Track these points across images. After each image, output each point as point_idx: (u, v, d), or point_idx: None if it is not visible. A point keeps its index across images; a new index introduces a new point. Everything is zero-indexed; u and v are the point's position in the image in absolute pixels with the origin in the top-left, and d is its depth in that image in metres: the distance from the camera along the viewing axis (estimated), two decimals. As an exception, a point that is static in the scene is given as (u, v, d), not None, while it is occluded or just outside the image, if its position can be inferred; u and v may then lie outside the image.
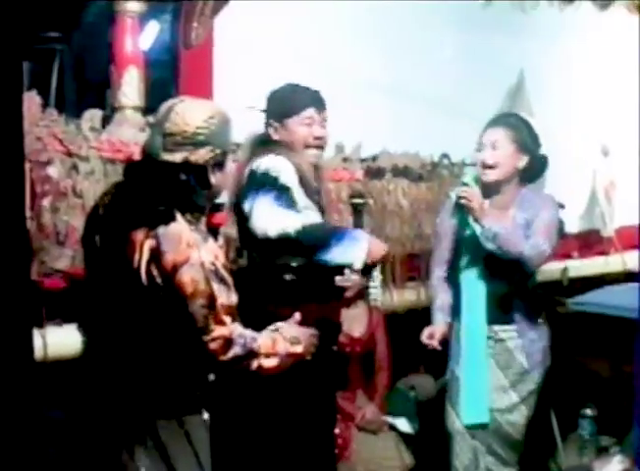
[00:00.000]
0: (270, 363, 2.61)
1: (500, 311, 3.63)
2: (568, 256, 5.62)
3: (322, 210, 3.28)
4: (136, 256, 2.45)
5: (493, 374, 3.63)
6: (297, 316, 2.78)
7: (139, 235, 2.46)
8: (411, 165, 4.97)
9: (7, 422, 1.94)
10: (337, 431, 3.93)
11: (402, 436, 4.12)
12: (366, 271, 3.19)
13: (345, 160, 4.70)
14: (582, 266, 5.73)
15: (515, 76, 5.56)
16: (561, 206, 3.91)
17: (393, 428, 4.12)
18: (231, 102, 3.34)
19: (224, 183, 2.67)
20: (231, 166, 2.71)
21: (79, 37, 4.48)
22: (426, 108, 4.84)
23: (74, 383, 2.84)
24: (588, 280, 5.51)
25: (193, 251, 2.45)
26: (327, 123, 3.31)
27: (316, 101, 3.28)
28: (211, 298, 2.46)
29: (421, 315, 4.99)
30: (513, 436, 3.68)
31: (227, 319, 2.50)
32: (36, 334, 3.33)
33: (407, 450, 4.07)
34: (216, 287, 2.48)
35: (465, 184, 3.56)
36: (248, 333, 2.58)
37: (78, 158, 3.60)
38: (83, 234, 2.76)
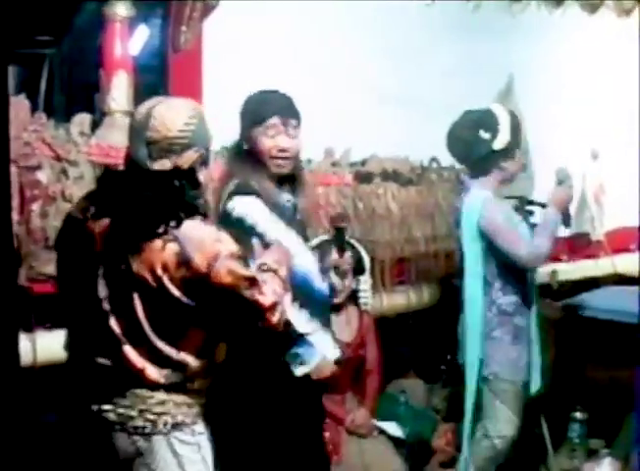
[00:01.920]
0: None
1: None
2: (558, 259, 5.63)
3: (302, 225, 3.21)
4: (158, 265, 2.43)
5: None
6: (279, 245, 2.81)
7: (156, 243, 2.43)
8: (401, 169, 4.98)
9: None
10: (326, 435, 3.93)
11: (393, 440, 4.11)
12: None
13: (334, 164, 4.71)
14: (572, 269, 5.75)
15: (504, 79, 5.57)
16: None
17: (383, 432, 4.12)
18: (220, 106, 3.35)
19: (207, 178, 2.68)
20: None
21: (68, 42, 4.48)
22: (415, 112, 4.85)
23: (67, 387, 2.83)
24: (578, 283, 5.52)
25: (220, 244, 2.45)
26: (297, 130, 3.11)
27: (281, 109, 3.08)
28: (252, 279, 2.45)
29: (411, 319, 5.02)
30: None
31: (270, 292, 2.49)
32: (26, 338, 3.34)
33: (397, 455, 4.06)
34: (248, 267, 2.50)
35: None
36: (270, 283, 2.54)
37: (67, 162, 3.60)
38: (60, 243, 2.74)
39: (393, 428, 4.15)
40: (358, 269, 4.20)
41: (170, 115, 2.52)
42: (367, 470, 3.91)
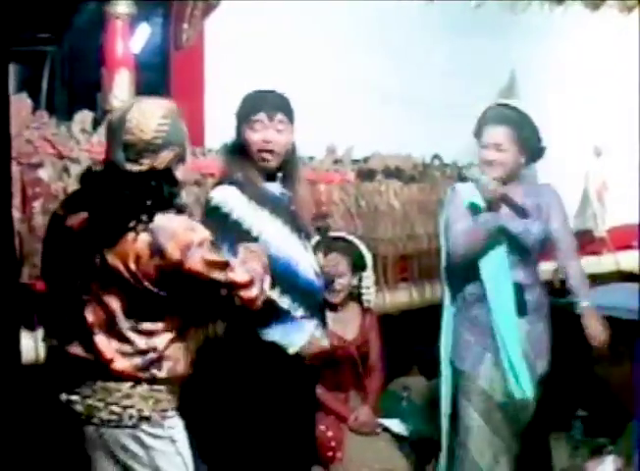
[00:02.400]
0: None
1: (517, 302, 3.67)
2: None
3: (295, 217, 3.23)
4: (131, 257, 2.49)
5: None
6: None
7: (129, 236, 2.50)
8: (403, 166, 4.98)
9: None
10: (330, 433, 3.93)
11: (396, 437, 4.10)
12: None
13: (336, 162, 4.71)
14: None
15: (507, 76, 5.56)
16: None
17: (386, 430, 4.11)
18: (222, 103, 3.35)
19: (186, 175, 2.73)
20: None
21: (69, 40, 4.48)
22: (417, 109, 4.85)
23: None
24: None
25: (192, 233, 2.53)
26: (286, 126, 3.16)
27: (268, 105, 3.13)
28: (224, 262, 2.58)
29: (414, 316, 5.01)
30: (522, 432, 3.74)
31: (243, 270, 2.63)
32: (28, 336, 3.33)
33: (400, 452, 4.05)
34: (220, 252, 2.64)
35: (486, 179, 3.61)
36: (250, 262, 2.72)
37: (69, 160, 3.60)
38: (45, 238, 2.77)
39: (396, 425, 4.14)
40: (360, 266, 4.19)
41: (143, 117, 2.56)
42: (370, 468, 3.90)
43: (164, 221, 2.51)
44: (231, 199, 3.09)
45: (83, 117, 3.73)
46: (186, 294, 2.58)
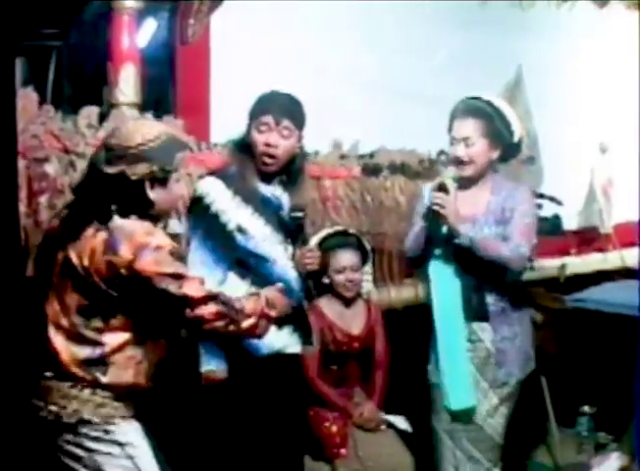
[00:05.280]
0: (248, 323, 2.67)
1: (474, 306, 3.49)
2: (566, 253, 5.62)
3: (282, 220, 3.27)
4: (86, 251, 2.52)
5: (472, 377, 3.51)
6: (280, 285, 2.89)
7: (89, 232, 2.54)
8: (409, 162, 4.97)
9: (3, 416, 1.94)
10: (334, 429, 3.94)
11: (401, 433, 4.10)
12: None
13: (342, 157, 4.71)
14: (580, 263, 5.73)
15: (513, 72, 5.56)
16: (559, 203, 3.89)
17: (391, 425, 4.11)
18: (227, 99, 3.35)
19: (168, 201, 2.70)
20: (176, 186, 2.70)
21: (76, 34, 4.47)
22: (423, 105, 4.85)
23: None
24: (586, 276, 5.51)
25: (151, 237, 2.54)
26: (291, 132, 3.18)
27: (277, 109, 3.16)
28: (179, 273, 2.54)
29: (419, 311, 5.00)
30: (495, 439, 3.56)
31: (201, 287, 2.58)
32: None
33: (405, 448, 4.05)
34: (179, 264, 2.59)
35: (443, 187, 3.38)
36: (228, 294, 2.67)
37: (75, 155, 3.61)
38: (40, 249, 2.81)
39: (401, 421, 4.14)
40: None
41: (135, 129, 2.63)
42: (375, 463, 3.90)
43: (125, 223, 2.56)
44: (213, 191, 3.14)
45: (89, 111, 3.74)
46: (138, 299, 2.56)
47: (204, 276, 2.72)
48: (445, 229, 3.42)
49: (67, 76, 4.42)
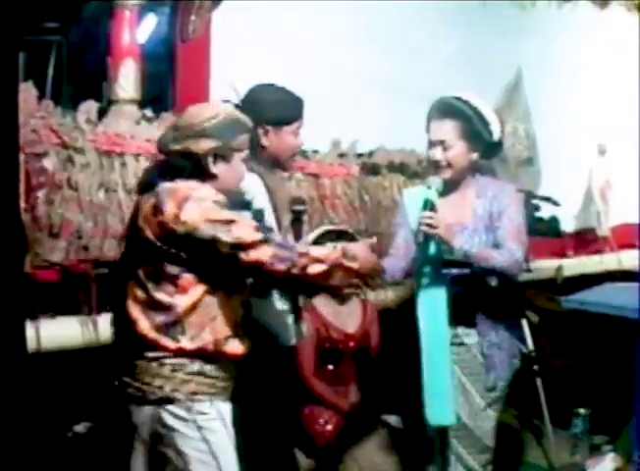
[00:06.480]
0: (316, 268, 2.67)
1: (461, 312, 3.39)
2: (564, 255, 5.62)
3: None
4: (142, 218, 2.64)
5: (458, 380, 3.44)
6: (372, 240, 2.93)
7: (145, 200, 2.66)
8: (407, 161, 4.98)
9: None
10: (329, 427, 3.94)
11: (395, 432, 4.11)
12: None
13: (341, 156, 4.71)
14: (577, 264, 5.74)
15: (513, 73, 5.56)
16: (555, 203, 3.88)
17: (385, 424, 4.12)
18: (227, 95, 3.34)
19: (230, 178, 2.75)
20: (240, 165, 2.76)
21: (76, 29, 4.48)
22: (422, 105, 4.83)
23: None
24: (583, 278, 5.51)
25: (193, 191, 2.61)
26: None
27: (302, 112, 3.22)
28: (227, 218, 2.59)
29: (414, 311, 4.99)
30: (483, 441, 3.48)
31: (252, 230, 2.62)
32: (30, 325, 3.33)
33: (399, 446, 4.06)
34: (226, 211, 2.63)
35: (429, 203, 3.24)
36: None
37: (73, 150, 3.60)
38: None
39: (395, 420, 4.15)
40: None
41: (201, 109, 2.76)
42: (369, 461, 3.91)
43: (170, 184, 2.64)
44: (253, 188, 3.07)
45: (89, 107, 3.73)
46: (197, 255, 2.60)
47: None
48: (435, 246, 3.35)
49: (66, 71, 4.43)
